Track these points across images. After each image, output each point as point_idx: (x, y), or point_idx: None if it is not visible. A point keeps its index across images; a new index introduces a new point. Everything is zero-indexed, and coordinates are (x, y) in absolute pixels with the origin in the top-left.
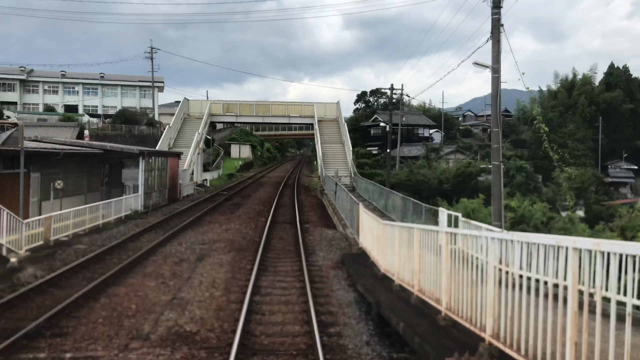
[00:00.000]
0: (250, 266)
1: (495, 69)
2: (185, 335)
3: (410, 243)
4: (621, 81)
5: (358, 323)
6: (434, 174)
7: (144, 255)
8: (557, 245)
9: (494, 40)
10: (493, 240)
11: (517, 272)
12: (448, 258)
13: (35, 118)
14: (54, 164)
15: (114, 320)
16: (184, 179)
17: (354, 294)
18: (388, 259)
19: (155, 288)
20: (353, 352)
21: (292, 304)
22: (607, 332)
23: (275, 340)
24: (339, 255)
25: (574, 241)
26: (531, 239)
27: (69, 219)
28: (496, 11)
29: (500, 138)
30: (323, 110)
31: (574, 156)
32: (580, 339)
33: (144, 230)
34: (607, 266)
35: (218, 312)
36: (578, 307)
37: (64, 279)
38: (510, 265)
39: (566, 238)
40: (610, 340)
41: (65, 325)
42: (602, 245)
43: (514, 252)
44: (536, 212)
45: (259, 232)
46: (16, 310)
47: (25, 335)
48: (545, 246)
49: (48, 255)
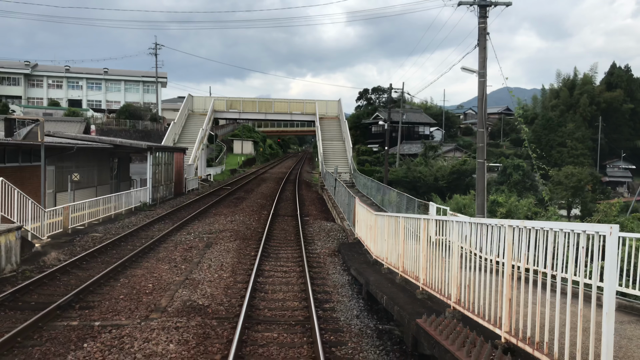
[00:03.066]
0: (254, 253)
1: (481, 74)
2: (198, 308)
3: (397, 230)
4: (622, 81)
5: (350, 301)
6: (430, 172)
7: (155, 243)
8: (499, 225)
9: (481, 48)
10: (458, 223)
11: (472, 249)
12: (425, 241)
13: (41, 112)
14: (67, 158)
15: (133, 297)
16: (189, 173)
17: (347, 277)
18: (379, 246)
19: (168, 270)
20: (344, 324)
21: (292, 285)
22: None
23: (277, 313)
24: (336, 245)
25: (510, 221)
26: (482, 221)
27: (85, 209)
28: (482, 20)
29: (485, 138)
30: (324, 107)
31: (572, 155)
32: (512, 295)
33: (154, 220)
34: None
35: (226, 290)
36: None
37: (84, 262)
38: (467, 244)
39: (506, 220)
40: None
41: (91, 300)
42: (526, 223)
43: (470, 233)
44: (522, 207)
45: (262, 224)
46: (46, 287)
47: (57, 307)
48: (492, 226)
49: (67, 242)
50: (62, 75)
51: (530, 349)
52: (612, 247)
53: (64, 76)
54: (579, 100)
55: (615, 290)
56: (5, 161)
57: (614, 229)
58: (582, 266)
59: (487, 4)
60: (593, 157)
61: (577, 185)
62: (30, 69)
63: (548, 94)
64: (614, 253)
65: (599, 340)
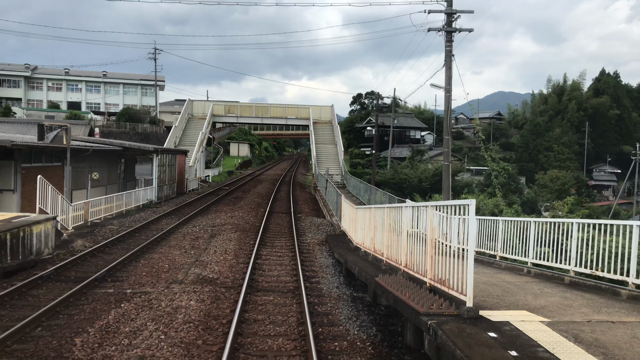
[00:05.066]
0: (253, 242)
1: (447, 89)
2: (209, 280)
3: (370, 219)
4: (609, 87)
5: (332, 277)
6: (415, 174)
7: (166, 233)
8: (426, 206)
9: (447, 67)
10: (407, 208)
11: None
12: (386, 224)
13: (43, 115)
14: (82, 159)
15: (154, 273)
16: (190, 174)
17: (332, 260)
18: (358, 234)
19: (180, 255)
20: (326, 292)
21: (285, 265)
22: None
23: (272, 285)
24: (324, 236)
25: (428, 203)
26: (417, 205)
27: (101, 204)
28: (449, 44)
29: (450, 143)
30: (318, 112)
31: (558, 159)
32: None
33: (162, 216)
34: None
35: (231, 268)
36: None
37: (107, 248)
38: (410, 224)
39: (430, 202)
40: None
41: (120, 275)
42: (432, 203)
43: (411, 216)
44: (488, 204)
45: (259, 219)
46: (81, 266)
47: (94, 280)
48: (422, 207)
49: (89, 232)
50: (62, 78)
51: (441, 287)
52: (472, 214)
53: (63, 79)
54: (568, 106)
55: (474, 248)
56: (32, 161)
57: (472, 202)
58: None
59: (452, 30)
60: (580, 162)
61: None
62: (30, 71)
63: (537, 100)
64: (473, 219)
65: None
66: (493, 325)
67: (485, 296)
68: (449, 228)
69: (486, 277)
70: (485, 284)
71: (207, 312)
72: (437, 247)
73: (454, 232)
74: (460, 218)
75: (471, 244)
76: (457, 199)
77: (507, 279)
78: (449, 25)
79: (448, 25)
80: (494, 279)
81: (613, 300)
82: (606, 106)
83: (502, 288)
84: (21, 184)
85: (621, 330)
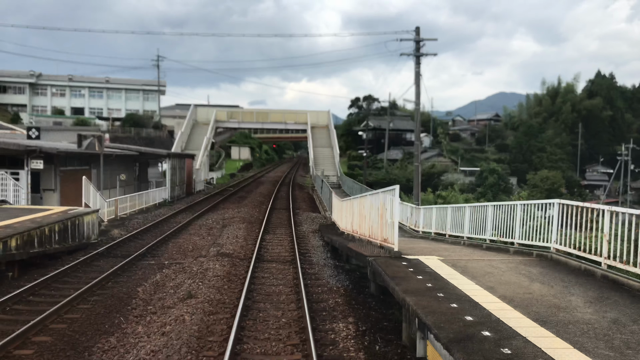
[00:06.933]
0: (258, 230)
1: (417, 102)
2: (226, 254)
3: (348, 208)
4: (602, 89)
5: (321, 253)
6: (403, 174)
7: (184, 225)
8: (377, 193)
9: (416, 85)
10: (367, 196)
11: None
12: (356, 210)
13: (51, 121)
14: (106, 163)
15: (182, 252)
16: (197, 176)
17: (322, 243)
18: (343, 221)
19: (199, 240)
20: (315, 262)
21: (284, 246)
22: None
23: (275, 257)
24: (317, 226)
25: (379, 190)
26: (372, 192)
27: (126, 202)
28: (417, 66)
29: (419, 148)
30: (315, 117)
31: (551, 160)
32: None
33: (177, 212)
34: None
35: (242, 247)
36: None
37: (139, 235)
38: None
39: (382, 189)
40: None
41: (155, 253)
42: (381, 190)
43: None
44: (458, 198)
45: (262, 214)
46: (123, 247)
47: (138, 255)
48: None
49: (120, 224)
50: (66, 84)
51: (385, 243)
52: (396, 196)
53: (67, 85)
54: (562, 107)
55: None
56: (66, 165)
57: (396, 187)
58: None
59: (420, 55)
60: (573, 162)
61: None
62: (35, 78)
63: (532, 102)
64: (397, 199)
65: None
66: (407, 260)
67: (418, 252)
68: (392, 207)
69: (430, 245)
70: (425, 248)
71: (229, 272)
72: (384, 219)
73: (391, 210)
74: (394, 199)
75: (396, 215)
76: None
77: (443, 246)
78: (417, 50)
79: (417, 50)
80: (433, 246)
81: (502, 253)
82: (599, 107)
83: (433, 249)
84: (60, 184)
85: (481, 263)
